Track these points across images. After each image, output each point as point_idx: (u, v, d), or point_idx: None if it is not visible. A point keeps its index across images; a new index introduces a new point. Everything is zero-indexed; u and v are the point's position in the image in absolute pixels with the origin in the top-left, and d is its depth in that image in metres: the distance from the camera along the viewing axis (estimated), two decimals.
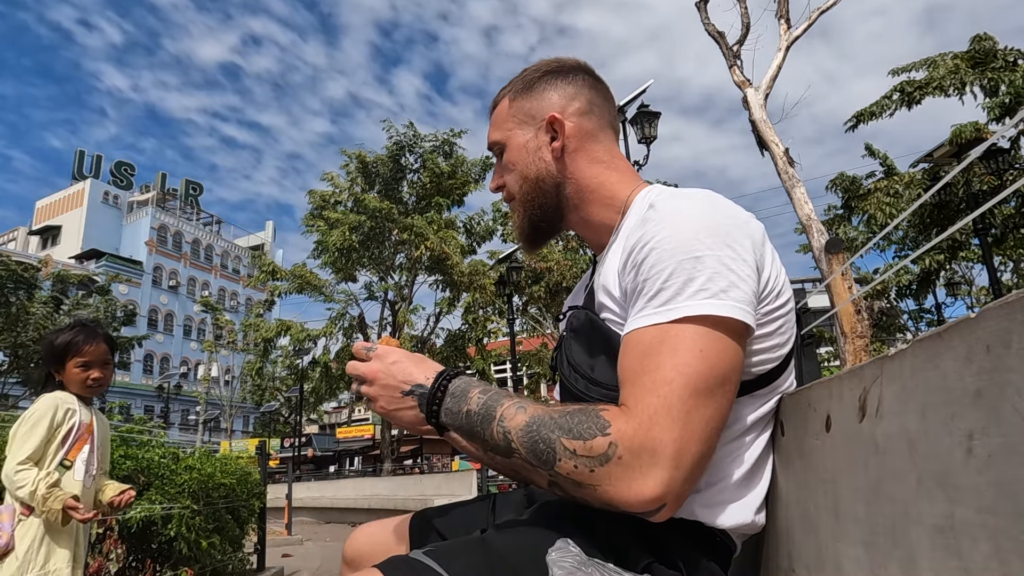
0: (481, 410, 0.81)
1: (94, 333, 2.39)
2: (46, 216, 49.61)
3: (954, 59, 12.14)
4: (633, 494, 0.70)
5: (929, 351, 0.47)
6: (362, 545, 1.09)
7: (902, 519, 0.50)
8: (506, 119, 1.04)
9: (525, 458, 0.76)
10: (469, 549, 0.80)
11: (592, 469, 0.72)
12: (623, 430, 0.72)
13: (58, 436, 2.24)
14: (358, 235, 19.77)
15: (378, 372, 0.91)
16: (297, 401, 28.62)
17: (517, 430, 0.77)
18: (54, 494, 2.11)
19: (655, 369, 0.74)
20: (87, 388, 2.35)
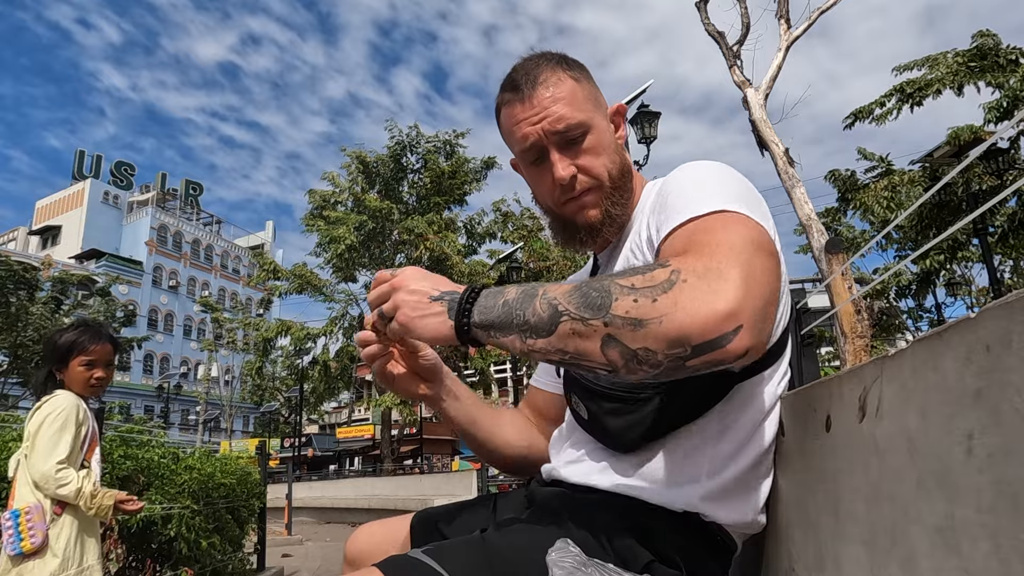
0: (520, 295, 0.74)
1: (99, 333, 2.41)
2: (46, 216, 49.61)
3: (956, 57, 12.12)
4: (707, 311, 0.62)
5: (929, 351, 0.47)
6: (364, 544, 1.08)
7: (902, 519, 0.50)
8: (584, 100, 0.96)
9: (575, 316, 0.68)
10: (469, 548, 0.80)
11: (655, 299, 0.64)
12: (685, 260, 0.68)
13: (79, 437, 2.26)
14: (359, 235, 19.78)
15: (405, 280, 0.83)
16: (297, 401, 28.62)
17: (564, 293, 0.71)
18: (102, 491, 2.21)
19: (707, 236, 0.73)
20: (89, 388, 2.35)
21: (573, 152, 0.94)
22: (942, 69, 12.06)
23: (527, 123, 0.93)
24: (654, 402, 0.84)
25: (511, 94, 0.95)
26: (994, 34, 12.13)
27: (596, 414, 0.90)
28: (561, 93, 0.93)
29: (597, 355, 0.67)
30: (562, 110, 0.92)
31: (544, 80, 0.93)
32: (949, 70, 12.01)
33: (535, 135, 0.93)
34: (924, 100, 12.18)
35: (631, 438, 0.87)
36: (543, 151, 0.94)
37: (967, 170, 11.84)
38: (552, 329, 0.70)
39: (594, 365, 0.69)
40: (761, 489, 0.87)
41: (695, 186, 0.83)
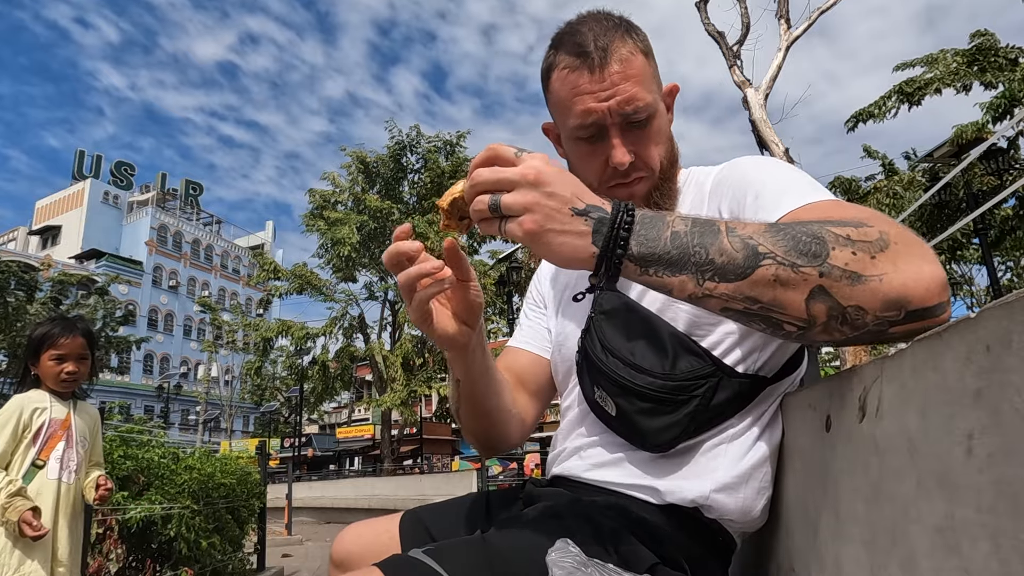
0: (694, 227, 0.64)
1: (71, 326, 2.36)
2: (46, 216, 49.63)
3: (955, 56, 12.13)
4: (929, 276, 0.58)
5: (929, 351, 0.47)
6: (351, 546, 1.05)
7: (902, 519, 0.50)
8: (651, 79, 0.89)
9: (782, 260, 0.60)
10: (470, 549, 0.79)
11: (873, 255, 0.59)
12: (888, 224, 0.62)
13: (27, 437, 2.20)
14: (360, 235, 19.80)
15: (542, 175, 0.66)
16: (297, 401, 28.63)
17: (762, 232, 0.62)
18: (13, 505, 2.06)
19: (852, 209, 0.68)
20: (61, 382, 2.31)
21: (634, 136, 0.88)
22: (941, 68, 12.07)
23: (593, 98, 0.85)
24: (692, 404, 0.83)
25: (574, 60, 0.86)
26: (992, 34, 12.15)
27: (627, 412, 0.86)
28: (634, 70, 0.85)
29: (798, 308, 0.60)
30: (634, 90, 0.85)
31: (616, 51, 0.85)
32: (948, 69, 12.02)
33: (599, 113, 0.85)
34: (923, 99, 12.19)
35: (665, 439, 0.84)
36: (603, 130, 0.87)
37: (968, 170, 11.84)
38: (746, 273, 0.60)
39: (786, 319, 0.61)
40: (766, 485, 0.87)
41: (787, 173, 0.82)
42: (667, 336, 0.85)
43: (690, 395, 0.83)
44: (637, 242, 0.64)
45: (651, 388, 0.84)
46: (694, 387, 0.82)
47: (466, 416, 1.02)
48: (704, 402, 0.83)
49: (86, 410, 2.45)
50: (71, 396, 2.39)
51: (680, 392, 0.83)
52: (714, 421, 0.85)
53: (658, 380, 0.83)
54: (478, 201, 0.68)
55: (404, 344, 20.16)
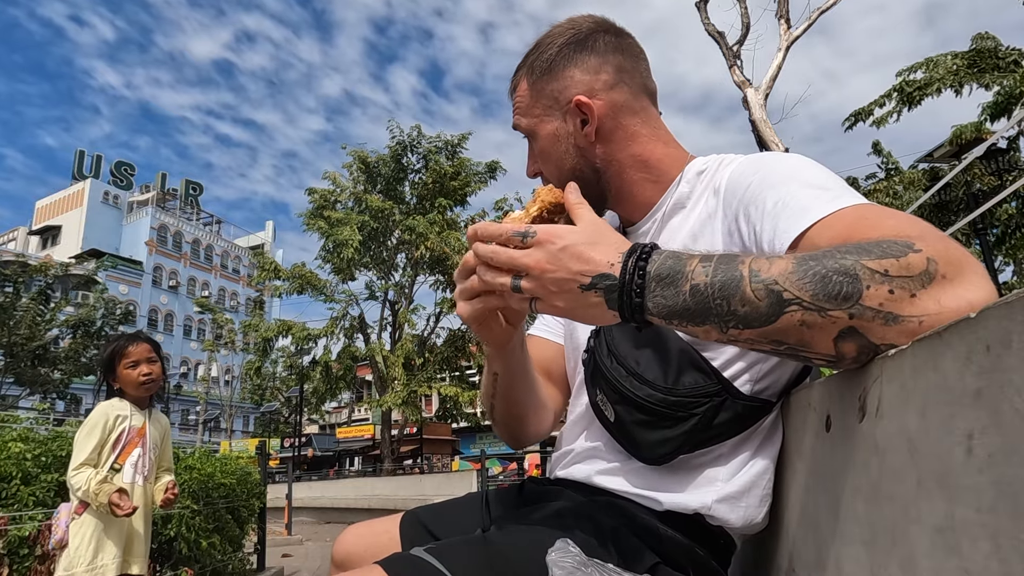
0: (715, 277, 0.61)
1: (135, 336, 2.64)
2: (46, 216, 49.61)
3: (954, 59, 12.13)
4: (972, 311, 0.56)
5: (929, 351, 0.47)
6: (351, 546, 1.05)
7: (902, 519, 0.50)
8: (531, 105, 0.93)
9: (810, 303, 0.56)
10: (471, 548, 0.79)
11: (914, 293, 0.54)
12: (934, 244, 0.56)
13: (109, 441, 2.43)
14: (361, 235, 19.80)
15: (543, 264, 0.67)
16: (297, 401, 28.61)
17: (787, 274, 0.58)
18: (103, 489, 2.29)
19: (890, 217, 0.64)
20: (141, 385, 2.53)
21: (535, 154, 0.99)
22: (941, 71, 12.07)
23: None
24: (691, 422, 0.81)
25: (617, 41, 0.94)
26: (993, 36, 12.14)
27: (625, 421, 0.85)
28: (517, 99, 0.98)
29: (825, 347, 0.58)
30: (514, 115, 0.98)
31: (515, 87, 0.99)
32: (948, 71, 12.02)
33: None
34: (923, 100, 12.18)
35: (660, 453, 0.83)
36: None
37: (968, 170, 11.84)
38: (770, 320, 0.58)
39: (815, 356, 0.59)
40: (768, 493, 0.86)
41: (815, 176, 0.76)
42: (675, 350, 0.83)
43: (690, 412, 0.81)
44: (654, 304, 0.64)
45: (650, 401, 0.82)
46: (695, 404, 0.81)
47: (501, 410, 1.03)
48: (704, 421, 0.81)
49: (158, 419, 2.69)
50: (147, 405, 2.63)
51: (680, 408, 0.81)
52: (712, 440, 0.83)
53: (658, 393, 0.82)
54: (498, 280, 0.72)
55: (405, 344, 20.16)
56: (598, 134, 0.91)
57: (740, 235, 0.79)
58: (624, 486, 0.87)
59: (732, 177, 0.85)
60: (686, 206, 0.91)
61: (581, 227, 0.71)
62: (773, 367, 0.84)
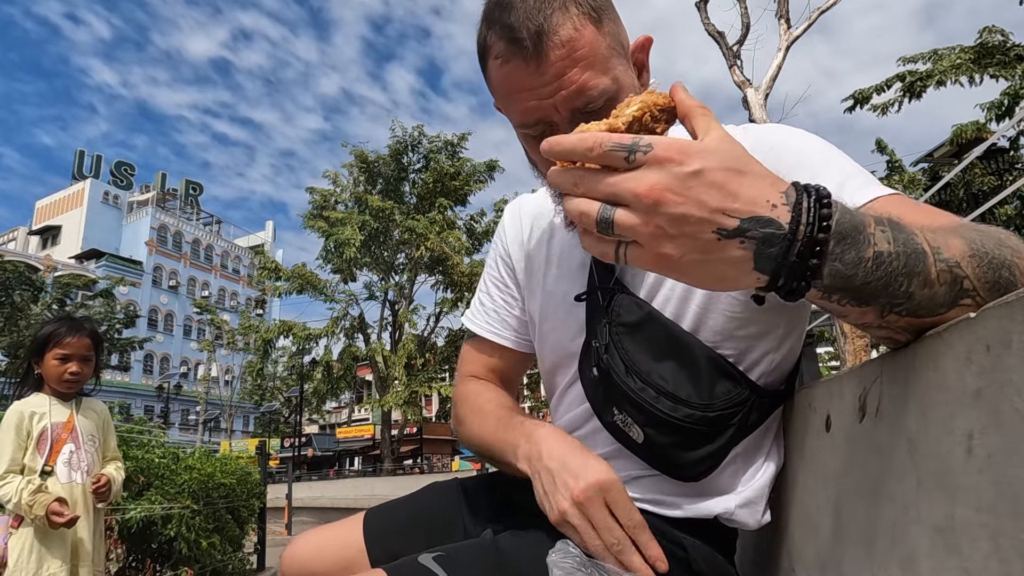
0: (901, 249, 0.48)
1: (78, 326, 2.32)
2: (46, 216, 49.63)
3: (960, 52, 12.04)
4: None
5: (929, 351, 0.47)
6: (307, 560, 0.95)
7: (902, 519, 0.50)
8: (607, 55, 0.71)
9: (981, 298, 0.48)
10: (481, 556, 0.77)
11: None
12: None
13: (31, 444, 2.18)
14: (362, 235, 19.81)
15: (661, 192, 0.46)
16: (297, 401, 28.63)
17: (967, 258, 0.49)
18: (37, 500, 2.07)
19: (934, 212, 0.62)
20: (64, 383, 2.27)
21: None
22: (945, 64, 12.00)
23: (533, 95, 0.71)
24: (729, 432, 0.77)
25: (507, 48, 0.70)
26: (1000, 29, 12.01)
27: (659, 443, 0.78)
28: (581, 50, 0.69)
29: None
30: (583, 76, 0.69)
31: (555, 33, 0.68)
32: (951, 64, 11.94)
33: (544, 110, 0.71)
34: (924, 91, 12.12)
35: (702, 470, 0.79)
36: (552, 125, 0.73)
37: (968, 170, 11.84)
38: (940, 311, 0.48)
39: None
40: (772, 489, 0.85)
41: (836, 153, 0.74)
42: (703, 359, 0.76)
43: (727, 424, 0.76)
44: (831, 271, 0.47)
45: (688, 421, 0.76)
46: (732, 415, 0.77)
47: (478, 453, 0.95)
48: (740, 429, 0.78)
49: (91, 407, 2.41)
50: (73, 397, 2.35)
51: (719, 423, 0.76)
52: (742, 439, 0.80)
53: (697, 412, 0.75)
54: (580, 206, 0.49)
55: (406, 344, 20.16)
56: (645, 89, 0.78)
57: None
58: (641, 495, 0.83)
59: (780, 137, 0.78)
60: None
61: (714, 145, 0.49)
62: (784, 356, 0.81)
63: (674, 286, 0.80)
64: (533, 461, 0.76)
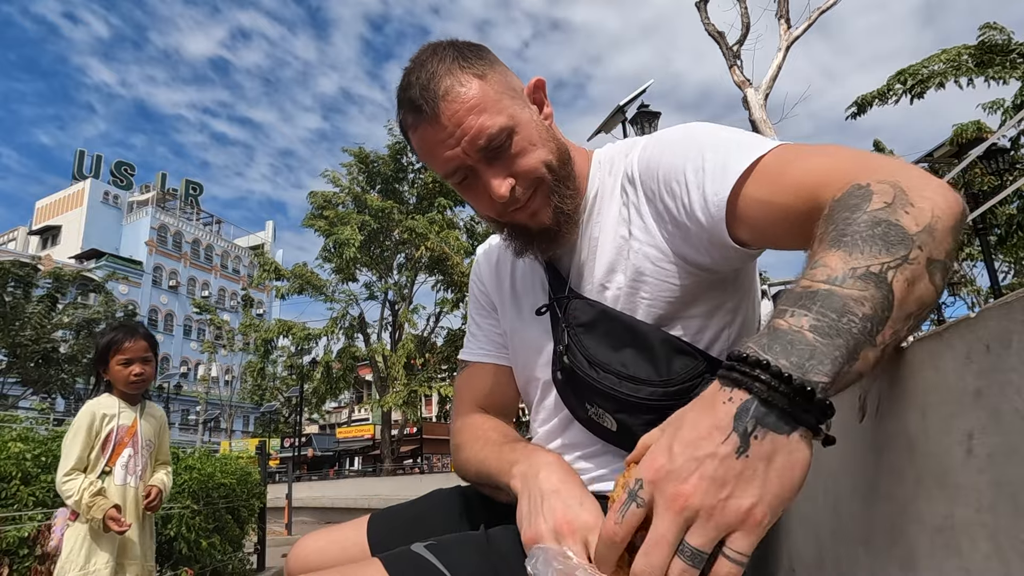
0: (818, 317, 0.49)
1: (133, 330, 2.51)
2: (46, 216, 49.63)
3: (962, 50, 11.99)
4: (939, 186, 0.57)
5: (929, 351, 0.47)
6: (311, 561, 0.97)
7: (902, 519, 0.50)
8: (496, 98, 0.82)
9: (897, 260, 0.51)
10: (471, 546, 0.78)
11: (912, 203, 0.55)
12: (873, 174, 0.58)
13: (98, 443, 2.35)
14: (362, 235, 19.81)
15: (663, 456, 0.50)
16: (297, 401, 28.63)
17: (850, 258, 0.52)
18: (97, 503, 2.22)
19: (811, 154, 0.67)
20: (131, 384, 2.44)
21: (503, 162, 0.82)
22: (944, 59, 11.97)
23: (444, 147, 0.81)
24: None
25: (414, 116, 0.82)
26: (1002, 27, 11.97)
27: (631, 426, 0.83)
28: (471, 100, 0.80)
29: (932, 292, 0.53)
30: (478, 121, 0.80)
31: (447, 92, 0.80)
32: (952, 64, 11.91)
33: (457, 158, 0.82)
34: (925, 92, 12.11)
35: None
36: (470, 169, 0.83)
37: (968, 170, 11.83)
38: (891, 298, 0.50)
39: (928, 311, 0.54)
40: None
41: (723, 133, 0.78)
42: (657, 341, 0.82)
43: (690, 397, 0.80)
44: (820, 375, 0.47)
45: (652, 398, 0.81)
46: (692, 388, 0.81)
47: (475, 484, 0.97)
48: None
49: (152, 412, 2.59)
50: (139, 399, 2.53)
51: (681, 396, 0.81)
52: None
53: (659, 389, 0.81)
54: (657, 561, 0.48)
55: (406, 344, 20.16)
56: (549, 123, 0.90)
57: (670, 214, 0.80)
58: None
59: (643, 162, 0.86)
60: (605, 197, 0.91)
61: (657, 431, 0.56)
62: (741, 328, 0.87)
63: (621, 284, 0.86)
64: (528, 479, 0.77)
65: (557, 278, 0.93)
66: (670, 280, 0.83)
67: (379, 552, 0.92)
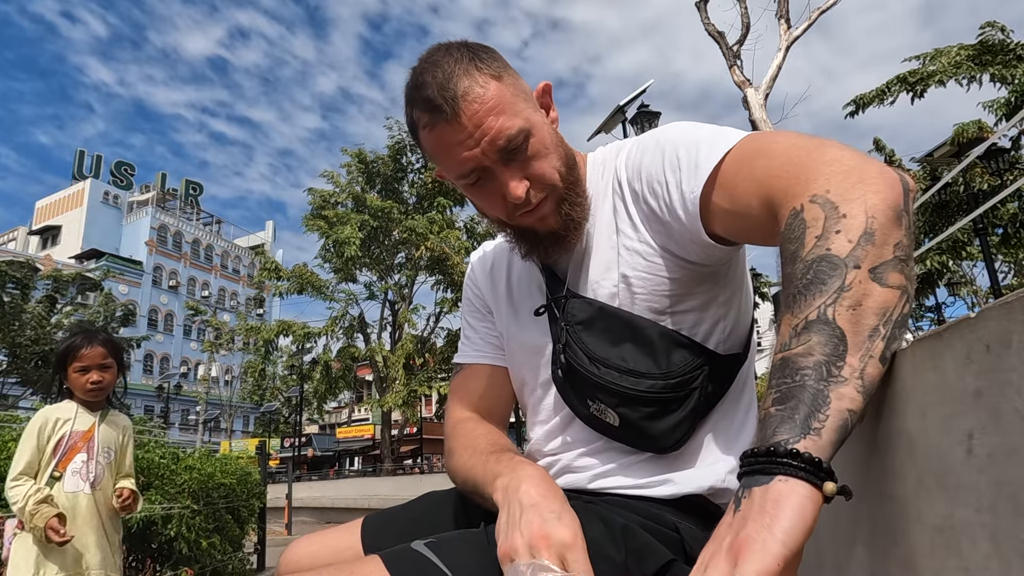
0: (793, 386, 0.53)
1: (92, 336, 2.39)
2: (46, 216, 49.63)
3: (961, 50, 12.00)
4: (871, 171, 0.60)
5: (929, 351, 0.47)
6: (304, 563, 0.97)
7: (902, 519, 0.50)
8: (513, 100, 0.83)
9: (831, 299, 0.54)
10: (471, 543, 0.78)
11: (843, 214, 0.58)
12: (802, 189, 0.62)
13: (48, 448, 2.22)
14: (361, 234, 19.81)
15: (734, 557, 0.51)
16: (297, 401, 28.63)
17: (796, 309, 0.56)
18: (40, 511, 2.09)
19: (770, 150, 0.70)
20: (88, 392, 2.33)
21: (519, 163, 0.84)
22: (944, 61, 11.97)
23: (462, 147, 0.82)
24: (694, 397, 0.83)
25: (430, 116, 0.82)
26: (1002, 25, 11.95)
27: (632, 419, 0.84)
28: (491, 102, 0.81)
29: (890, 294, 0.54)
30: (498, 122, 0.81)
31: (466, 93, 0.80)
32: (952, 62, 11.91)
33: (475, 159, 0.82)
34: (926, 91, 12.11)
35: (676, 438, 0.84)
36: (486, 170, 0.84)
37: (968, 170, 11.83)
38: (838, 332, 0.53)
39: (900, 307, 0.55)
40: None
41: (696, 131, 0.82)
42: (655, 335, 0.84)
43: (690, 389, 0.83)
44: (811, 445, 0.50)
45: (653, 391, 0.83)
46: (691, 380, 0.83)
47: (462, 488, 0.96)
48: (703, 393, 0.84)
49: (115, 420, 2.45)
50: (102, 406, 2.42)
51: (681, 388, 0.83)
52: (709, 408, 0.87)
53: (659, 381, 0.83)
54: None
55: (405, 344, 20.16)
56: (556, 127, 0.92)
57: (654, 213, 0.84)
58: (630, 481, 0.86)
59: (629, 163, 0.90)
60: (598, 198, 0.94)
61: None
62: (735, 321, 0.89)
63: (616, 282, 0.87)
64: (509, 492, 0.76)
65: (554, 279, 0.95)
66: (661, 275, 0.85)
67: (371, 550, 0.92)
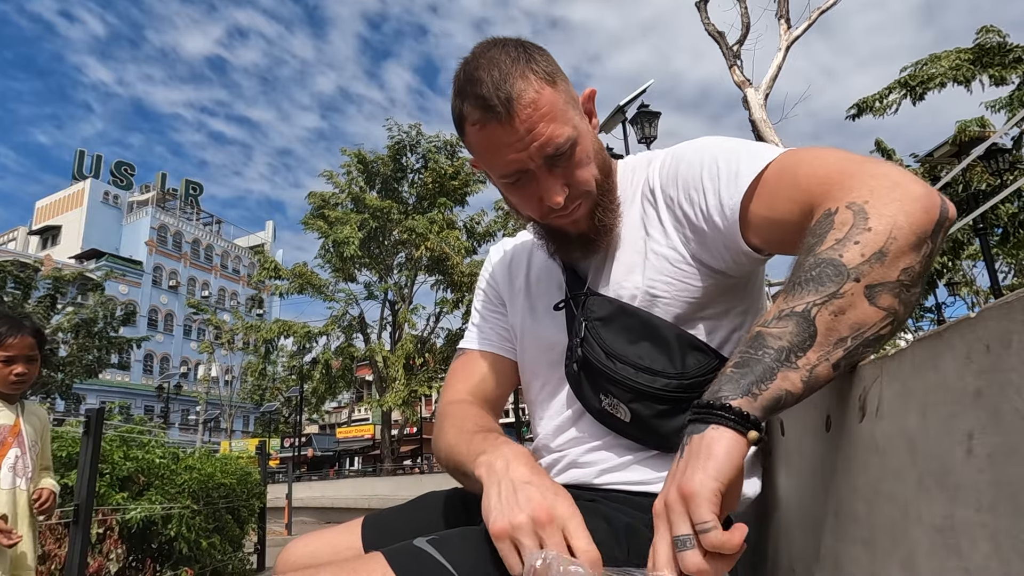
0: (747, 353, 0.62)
1: (19, 325, 2.24)
2: (46, 216, 49.63)
3: (959, 53, 12.04)
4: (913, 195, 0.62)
5: (929, 351, 0.47)
6: (302, 563, 0.97)
7: (902, 519, 0.50)
8: (564, 108, 0.85)
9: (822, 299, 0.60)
10: (473, 541, 0.78)
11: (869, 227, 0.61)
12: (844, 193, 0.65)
13: None
14: (361, 234, 19.81)
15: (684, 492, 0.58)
16: (297, 401, 28.63)
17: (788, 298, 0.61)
18: None
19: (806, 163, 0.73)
20: (10, 384, 2.19)
21: (561, 169, 0.86)
22: (944, 64, 12.01)
23: (511, 149, 0.83)
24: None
25: (482, 114, 0.82)
26: (998, 30, 12.02)
27: (644, 416, 0.86)
28: (544, 108, 0.82)
29: (874, 314, 0.59)
30: (549, 128, 0.82)
31: (521, 96, 0.81)
32: (951, 65, 11.95)
33: (521, 161, 0.84)
34: (927, 93, 12.14)
35: None
36: (529, 173, 0.86)
37: (968, 169, 11.84)
38: (812, 330, 0.59)
39: (878, 328, 0.60)
40: (759, 463, 0.91)
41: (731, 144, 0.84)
42: (672, 336, 0.86)
43: (703, 390, 0.83)
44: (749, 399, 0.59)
45: (667, 390, 0.85)
46: (705, 382, 0.82)
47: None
48: None
49: (34, 412, 2.34)
50: (17, 399, 2.27)
51: (695, 389, 0.84)
52: None
53: (673, 381, 0.85)
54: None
55: (405, 344, 20.16)
56: (596, 133, 0.93)
57: (688, 219, 0.86)
58: (636, 478, 0.87)
59: (663, 171, 0.92)
60: (626, 202, 0.96)
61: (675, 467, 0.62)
62: (736, 326, 0.90)
63: (639, 284, 0.89)
64: (494, 470, 0.76)
65: (575, 278, 0.97)
66: (687, 281, 0.87)
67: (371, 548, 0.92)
